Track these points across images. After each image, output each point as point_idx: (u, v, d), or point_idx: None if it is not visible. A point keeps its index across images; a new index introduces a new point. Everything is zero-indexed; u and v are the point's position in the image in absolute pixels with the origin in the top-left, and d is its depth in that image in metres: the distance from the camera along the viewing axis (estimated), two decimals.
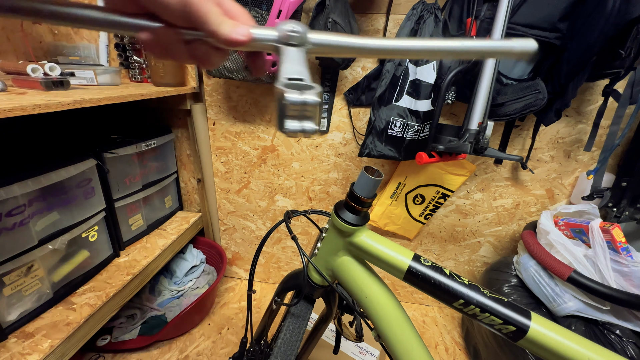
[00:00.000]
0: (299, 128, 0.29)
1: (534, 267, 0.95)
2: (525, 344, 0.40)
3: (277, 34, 0.32)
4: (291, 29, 0.32)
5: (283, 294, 0.63)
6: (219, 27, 0.27)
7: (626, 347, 0.79)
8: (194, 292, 1.27)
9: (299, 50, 0.33)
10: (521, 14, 0.75)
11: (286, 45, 0.33)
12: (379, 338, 0.50)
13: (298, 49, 0.33)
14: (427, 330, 1.27)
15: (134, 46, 1.08)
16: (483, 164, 1.12)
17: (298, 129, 0.29)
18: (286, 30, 0.32)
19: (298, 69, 0.31)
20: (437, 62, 0.86)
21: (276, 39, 0.32)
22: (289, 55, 0.33)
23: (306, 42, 0.33)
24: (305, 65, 0.32)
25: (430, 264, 0.44)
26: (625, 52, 0.74)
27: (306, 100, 0.28)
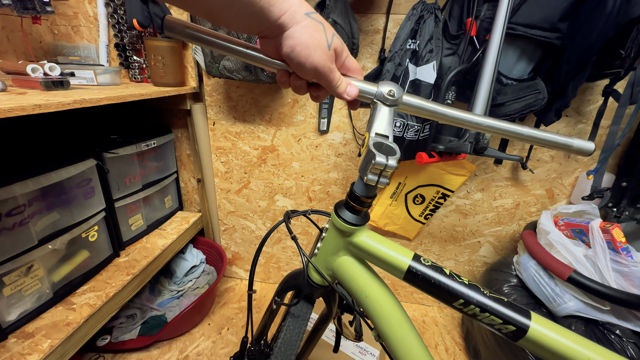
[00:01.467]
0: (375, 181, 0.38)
1: (534, 267, 0.95)
2: (525, 344, 0.40)
3: (376, 91, 0.40)
4: (388, 91, 0.40)
5: (283, 294, 0.63)
6: (337, 88, 0.38)
7: (626, 347, 0.78)
8: (194, 292, 1.27)
9: (390, 110, 0.40)
10: (521, 14, 0.75)
11: (381, 102, 0.40)
12: (378, 338, 0.50)
13: (390, 108, 0.40)
14: (427, 330, 1.27)
15: (133, 46, 1.08)
16: (483, 164, 1.12)
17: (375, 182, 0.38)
18: (384, 91, 0.39)
19: (385, 126, 0.39)
20: (437, 62, 0.86)
21: (374, 95, 0.40)
22: (381, 111, 0.40)
23: (399, 103, 0.40)
24: (392, 123, 0.40)
25: (430, 264, 0.44)
26: (625, 52, 0.74)
27: (389, 164, 0.36)
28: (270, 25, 0.33)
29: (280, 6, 0.32)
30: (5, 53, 1.02)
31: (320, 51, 0.35)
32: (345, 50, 0.39)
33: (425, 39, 0.85)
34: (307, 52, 0.34)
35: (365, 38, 1.00)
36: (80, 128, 1.07)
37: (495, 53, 0.73)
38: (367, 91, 0.40)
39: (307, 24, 0.34)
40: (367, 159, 0.38)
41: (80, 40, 1.11)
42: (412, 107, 0.42)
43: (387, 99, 0.40)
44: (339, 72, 0.38)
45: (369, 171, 0.37)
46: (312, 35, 0.34)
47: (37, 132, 0.99)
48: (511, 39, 0.77)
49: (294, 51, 0.34)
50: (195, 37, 0.37)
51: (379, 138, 0.39)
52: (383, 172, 0.37)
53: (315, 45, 0.34)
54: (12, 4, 0.81)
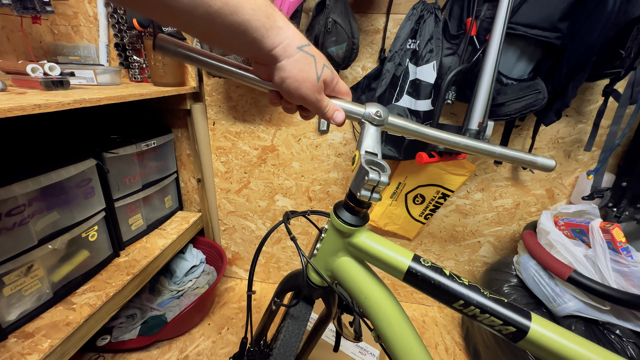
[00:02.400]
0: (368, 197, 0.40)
1: (534, 267, 0.94)
2: (525, 345, 0.40)
3: (363, 112, 0.43)
4: (375, 112, 0.43)
5: (282, 294, 0.63)
6: (325, 113, 0.41)
7: (626, 347, 0.78)
8: (194, 292, 1.27)
9: (377, 129, 0.44)
10: (521, 14, 0.75)
11: (369, 123, 0.43)
12: (378, 339, 0.50)
13: (377, 128, 0.44)
14: (427, 331, 1.27)
15: (133, 46, 1.08)
16: (483, 163, 1.12)
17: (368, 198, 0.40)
18: (372, 112, 0.43)
19: (374, 145, 0.43)
20: (437, 61, 0.86)
21: (362, 115, 0.43)
22: (369, 131, 0.43)
23: (385, 123, 0.44)
24: (379, 142, 0.44)
25: (430, 265, 0.44)
26: (625, 52, 0.74)
27: (381, 180, 0.38)
28: (263, 54, 0.35)
29: (274, 39, 0.34)
30: (5, 53, 1.02)
31: (309, 84, 0.37)
32: (335, 78, 0.42)
33: (425, 38, 0.85)
34: (296, 84, 0.37)
35: (366, 38, 1.00)
36: (80, 128, 1.07)
37: (496, 53, 0.73)
38: (355, 112, 0.43)
39: (298, 57, 0.36)
40: (360, 176, 0.40)
41: (80, 40, 1.11)
42: (397, 127, 0.46)
43: (374, 119, 0.43)
44: (327, 100, 0.41)
45: (363, 188, 0.40)
46: (302, 69, 0.36)
47: (37, 132, 0.99)
48: (511, 38, 0.77)
49: (284, 83, 0.37)
50: (188, 57, 0.38)
51: (369, 156, 0.41)
52: (375, 187, 0.39)
53: (304, 78, 0.37)
54: (12, 3, 0.81)
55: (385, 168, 0.40)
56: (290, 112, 0.43)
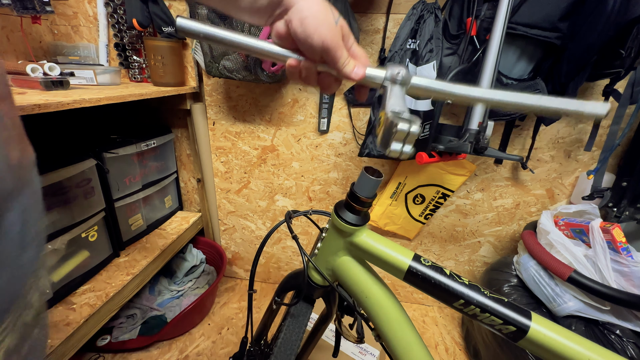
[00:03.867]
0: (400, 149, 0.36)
1: (534, 267, 0.94)
2: (525, 344, 0.40)
3: (384, 74, 0.40)
4: (397, 72, 0.40)
5: (283, 294, 0.63)
6: (345, 67, 0.38)
7: (626, 347, 0.78)
8: (194, 292, 1.27)
9: (401, 89, 0.41)
10: (521, 14, 0.75)
11: (392, 83, 0.40)
12: (379, 338, 0.50)
13: (401, 87, 0.41)
14: (427, 330, 1.27)
15: (133, 46, 1.08)
16: (483, 163, 1.12)
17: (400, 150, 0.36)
18: (394, 72, 0.40)
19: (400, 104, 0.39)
20: (437, 61, 0.86)
21: (384, 78, 0.41)
22: (393, 92, 0.40)
23: (408, 83, 0.41)
24: (405, 102, 0.40)
25: (431, 264, 0.44)
26: (625, 51, 0.74)
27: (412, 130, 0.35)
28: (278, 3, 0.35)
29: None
30: (5, 53, 1.02)
31: (329, 25, 0.36)
32: (351, 35, 0.40)
33: (425, 38, 0.85)
34: (315, 23, 0.35)
35: (365, 38, 1.00)
36: (80, 128, 1.07)
37: (496, 53, 0.73)
38: (377, 75, 0.41)
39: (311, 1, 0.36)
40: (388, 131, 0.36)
41: (80, 40, 1.11)
42: (421, 88, 0.42)
43: (396, 80, 0.40)
44: (346, 51, 0.38)
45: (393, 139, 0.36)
46: (320, 10, 0.35)
47: (36, 132, 0.99)
48: (511, 38, 0.77)
49: (303, 24, 0.35)
50: (208, 36, 0.37)
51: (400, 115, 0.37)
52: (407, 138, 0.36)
53: (323, 18, 0.35)
54: (11, 3, 0.81)
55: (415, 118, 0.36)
56: (310, 80, 0.41)
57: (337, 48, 0.37)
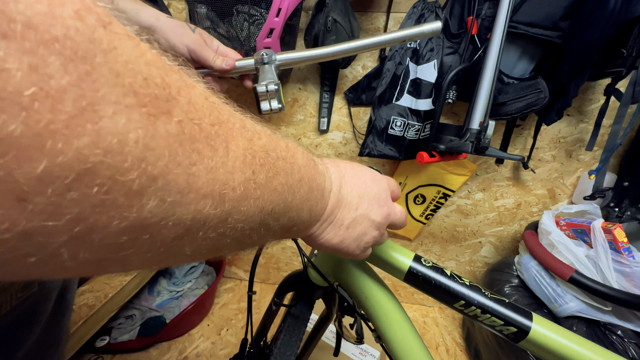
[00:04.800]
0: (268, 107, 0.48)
1: (535, 268, 0.94)
2: (526, 345, 0.40)
3: (253, 60, 0.49)
4: (262, 54, 0.48)
5: (283, 294, 0.63)
6: (214, 62, 0.45)
7: (628, 348, 0.78)
8: (193, 293, 1.27)
9: (270, 66, 0.49)
10: (522, 13, 0.75)
11: (261, 64, 0.49)
12: (379, 339, 0.50)
13: (269, 65, 0.49)
14: (428, 331, 1.27)
15: None
16: (484, 163, 1.11)
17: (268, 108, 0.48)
18: (260, 55, 0.48)
19: (269, 76, 0.48)
20: (437, 60, 0.86)
21: (254, 63, 0.49)
22: (264, 70, 0.49)
23: (275, 60, 0.49)
24: (275, 74, 0.49)
25: (431, 265, 0.44)
26: (627, 50, 0.73)
27: (269, 88, 0.46)
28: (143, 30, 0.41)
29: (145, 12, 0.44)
30: None
31: (187, 34, 0.43)
32: (214, 39, 0.48)
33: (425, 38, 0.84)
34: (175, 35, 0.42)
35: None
36: None
37: (497, 52, 0.73)
38: (247, 63, 0.49)
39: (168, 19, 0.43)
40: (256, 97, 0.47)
41: None
42: (288, 60, 0.50)
43: (264, 59, 0.48)
44: (212, 51, 0.46)
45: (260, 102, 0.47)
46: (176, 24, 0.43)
47: None
48: (512, 37, 0.77)
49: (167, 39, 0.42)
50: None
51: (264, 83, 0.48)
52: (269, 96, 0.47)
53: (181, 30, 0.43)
54: None
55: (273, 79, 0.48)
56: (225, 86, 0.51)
57: (201, 49, 0.44)
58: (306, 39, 0.90)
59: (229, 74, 0.48)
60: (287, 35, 0.88)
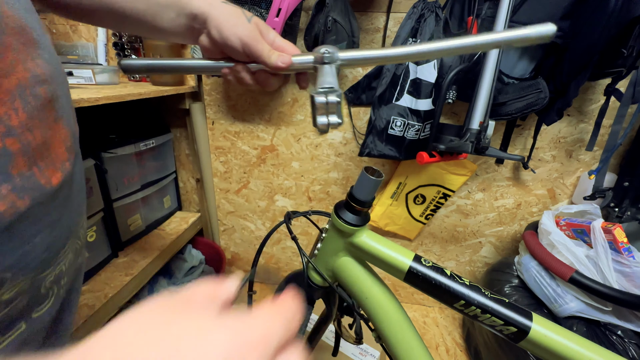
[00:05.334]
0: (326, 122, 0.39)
1: (535, 268, 0.94)
2: (526, 345, 0.40)
3: (313, 57, 0.41)
4: (324, 51, 0.41)
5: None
6: (269, 58, 0.39)
7: (628, 348, 0.78)
8: None
9: (331, 66, 0.42)
10: (522, 13, 0.75)
11: (321, 64, 0.41)
12: (379, 339, 0.50)
13: (330, 65, 0.42)
14: (428, 331, 1.27)
15: (132, 45, 1.08)
16: (484, 163, 1.11)
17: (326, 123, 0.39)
18: (320, 52, 0.41)
19: (330, 80, 0.40)
20: (437, 61, 0.86)
21: (313, 61, 0.42)
22: (324, 71, 0.41)
23: (336, 59, 0.42)
24: (335, 77, 0.41)
25: (431, 265, 0.44)
26: (627, 51, 0.73)
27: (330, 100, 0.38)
28: (194, 17, 0.38)
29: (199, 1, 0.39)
30: None
31: (242, 24, 0.38)
32: (271, 30, 0.42)
33: (426, 37, 0.84)
34: (229, 25, 0.38)
35: (366, 37, 1.00)
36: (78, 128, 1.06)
37: (497, 52, 0.73)
38: (305, 59, 0.42)
39: (224, 6, 0.39)
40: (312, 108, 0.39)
41: (78, 39, 1.11)
42: (352, 60, 0.42)
43: (324, 58, 0.41)
44: (267, 45, 0.40)
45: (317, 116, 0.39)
46: (231, 13, 0.39)
47: None
48: None
49: (219, 30, 0.38)
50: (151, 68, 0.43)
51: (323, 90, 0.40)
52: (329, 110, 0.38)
53: (235, 20, 0.38)
54: None
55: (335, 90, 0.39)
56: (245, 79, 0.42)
57: (256, 43, 0.39)
58: (306, 39, 0.90)
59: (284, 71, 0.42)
60: (287, 36, 0.88)
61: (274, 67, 0.40)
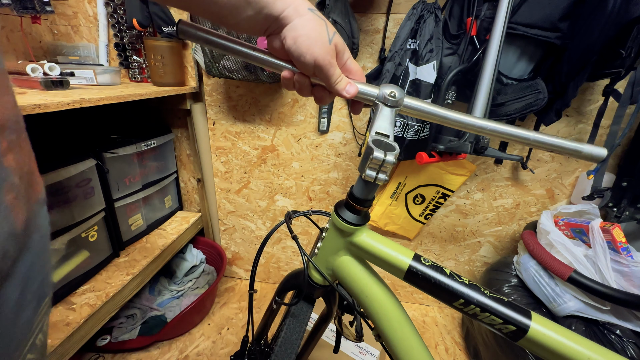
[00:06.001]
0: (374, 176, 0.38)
1: (534, 267, 0.94)
2: (525, 344, 0.40)
3: (377, 93, 0.41)
4: (390, 92, 0.40)
5: (283, 293, 0.63)
6: (336, 85, 0.39)
7: (626, 347, 0.78)
8: (194, 292, 1.27)
9: (391, 111, 0.41)
10: (522, 14, 0.75)
11: (383, 104, 0.41)
12: (379, 338, 0.50)
13: (391, 109, 0.41)
14: (427, 330, 1.27)
15: (133, 46, 1.08)
16: (483, 163, 1.12)
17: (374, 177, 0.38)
18: (386, 93, 0.40)
19: (386, 126, 0.40)
20: (437, 61, 0.86)
21: (376, 97, 0.41)
22: (382, 112, 0.41)
23: (400, 105, 0.41)
24: (393, 124, 0.41)
25: (431, 264, 0.44)
26: (625, 51, 0.73)
27: (387, 159, 0.36)
28: (274, 20, 0.35)
29: (284, 1, 0.34)
30: (5, 53, 1.02)
31: (321, 44, 0.36)
32: (347, 51, 0.40)
33: (425, 38, 0.85)
34: (308, 42, 0.35)
35: (365, 38, 1.00)
36: (80, 128, 1.07)
37: (496, 53, 0.73)
38: (369, 93, 0.41)
39: (309, 17, 0.35)
40: (366, 155, 0.38)
41: (80, 40, 1.11)
42: (413, 110, 0.42)
43: (388, 100, 0.41)
44: (339, 69, 0.39)
45: (367, 166, 0.38)
46: (314, 28, 0.35)
47: (36, 132, 0.99)
48: (511, 38, 0.77)
49: (296, 42, 0.35)
50: (209, 41, 0.39)
51: (379, 137, 0.39)
52: (382, 167, 0.38)
53: (316, 37, 0.36)
54: (11, 3, 0.81)
55: (393, 148, 0.38)
56: (304, 91, 0.41)
57: (329, 67, 0.37)
58: None
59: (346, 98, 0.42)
60: None
61: (339, 94, 0.40)
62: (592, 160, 0.42)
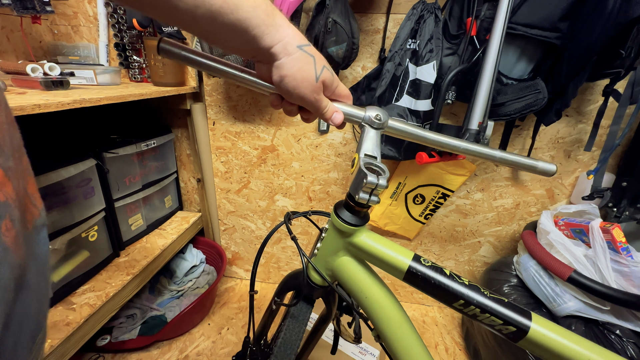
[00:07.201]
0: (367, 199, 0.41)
1: (534, 267, 0.94)
2: (525, 345, 0.40)
3: (363, 115, 0.44)
4: (375, 115, 0.43)
5: (283, 294, 0.63)
6: (324, 114, 0.41)
7: (626, 347, 0.78)
8: (194, 292, 1.27)
9: (377, 133, 0.44)
10: (521, 14, 0.75)
11: (369, 126, 0.44)
12: (378, 338, 0.50)
13: (377, 131, 0.44)
14: (427, 330, 1.27)
15: (133, 46, 1.08)
16: (483, 164, 1.12)
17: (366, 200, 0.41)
18: (372, 115, 0.43)
19: (373, 148, 0.43)
20: (437, 61, 0.86)
21: (362, 118, 0.44)
22: (369, 134, 0.44)
23: (385, 127, 0.45)
24: (379, 145, 0.44)
25: (430, 264, 0.44)
26: (625, 52, 0.74)
27: (379, 183, 0.39)
28: (262, 52, 0.35)
29: (273, 36, 0.34)
30: (5, 53, 1.02)
31: (308, 84, 0.37)
32: (335, 80, 0.41)
33: (425, 38, 0.85)
34: (294, 83, 0.36)
35: (365, 38, 1.00)
36: (80, 128, 1.07)
37: (496, 53, 0.73)
38: (355, 115, 0.44)
39: (297, 56, 0.36)
40: (359, 179, 0.40)
41: (80, 40, 1.11)
42: (396, 130, 0.46)
43: (374, 123, 0.43)
44: (326, 101, 0.41)
45: (361, 190, 0.40)
46: (301, 68, 0.36)
47: (36, 132, 0.99)
48: (511, 38, 0.77)
49: (283, 81, 0.36)
50: (191, 60, 0.39)
51: (368, 159, 0.42)
52: (374, 190, 0.40)
53: (302, 78, 0.36)
54: (11, 3, 0.81)
55: (384, 171, 0.41)
56: (292, 114, 0.43)
57: (315, 102, 0.39)
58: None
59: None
60: None
61: (326, 121, 0.42)
62: (545, 175, 0.49)
